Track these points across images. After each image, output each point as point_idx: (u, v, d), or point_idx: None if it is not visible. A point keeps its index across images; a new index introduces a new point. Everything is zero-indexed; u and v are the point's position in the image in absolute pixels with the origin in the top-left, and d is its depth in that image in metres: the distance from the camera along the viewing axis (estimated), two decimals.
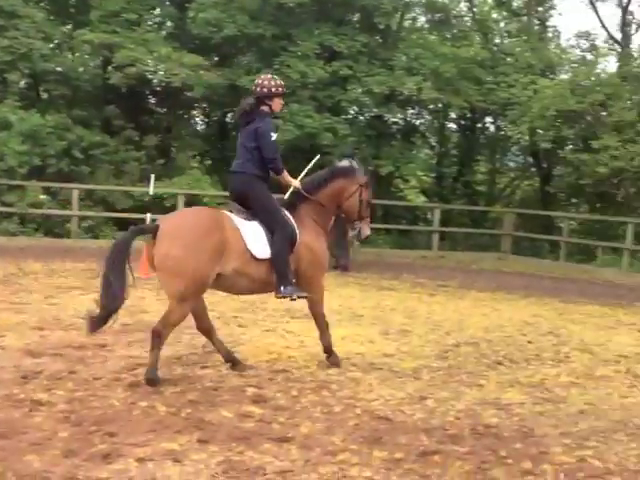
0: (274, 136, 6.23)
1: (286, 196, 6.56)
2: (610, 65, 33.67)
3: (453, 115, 23.53)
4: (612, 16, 24.37)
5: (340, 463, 4.38)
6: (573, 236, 20.78)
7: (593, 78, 20.85)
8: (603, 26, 36.36)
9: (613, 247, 19.07)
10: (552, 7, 24.10)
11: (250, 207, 6.19)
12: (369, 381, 6.23)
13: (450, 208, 21.74)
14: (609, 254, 19.10)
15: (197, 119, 23.32)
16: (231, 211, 6.20)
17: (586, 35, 23.38)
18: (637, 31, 24.46)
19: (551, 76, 22.05)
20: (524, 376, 6.78)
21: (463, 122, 24.09)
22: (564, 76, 22.13)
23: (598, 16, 35.04)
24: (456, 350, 7.68)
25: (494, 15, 24.49)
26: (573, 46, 23.66)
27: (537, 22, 24.07)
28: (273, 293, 6.22)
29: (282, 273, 6.03)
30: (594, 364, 7.42)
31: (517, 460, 4.62)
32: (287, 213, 6.28)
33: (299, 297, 6.20)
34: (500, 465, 4.54)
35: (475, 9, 24.17)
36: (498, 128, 23.80)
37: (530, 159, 24.06)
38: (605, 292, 13.83)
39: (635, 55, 23.38)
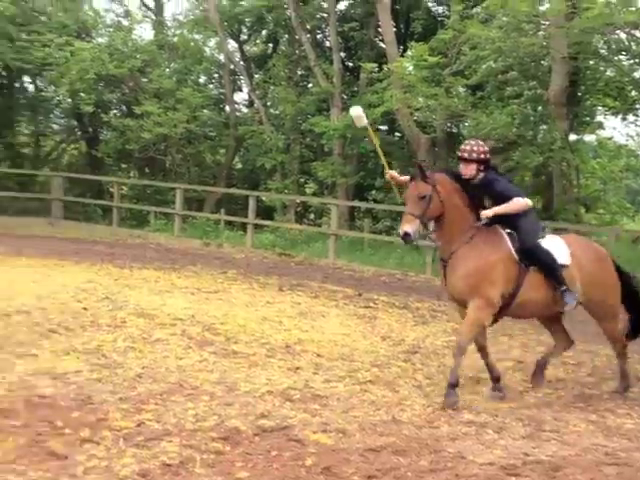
0: None
1: None
2: (146, 32, 34.37)
3: None
4: None
5: None
6: (124, 201, 20.89)
7: (130, 44, 21.03)
8: None
9: (164, 212, 19.54)
10: None
11: None
12: None
13: None
14: (161, 219, 19.53)
15: None
16: None
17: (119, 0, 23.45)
18: (169, 1, 25.31)
19: (87, 39, 21.58)
20: (80, 343, 6.49)
21: None
22: (101, 39, 21.86)
23: None
24: (6, 320, 7.10)
25: None
26: (107, 10, 23.43)
27: None
28: None
29: None
30: (150, 328, 7.37)
31: (75, 429, 4.45)
32: None
33: None
34: (57, 435, 4.36)
35: None
36: (38, 89, 22.58)
37: (75, 122, 23.33)
38: (159, 257, 13.91)
39: (169, 24, 24.25)
